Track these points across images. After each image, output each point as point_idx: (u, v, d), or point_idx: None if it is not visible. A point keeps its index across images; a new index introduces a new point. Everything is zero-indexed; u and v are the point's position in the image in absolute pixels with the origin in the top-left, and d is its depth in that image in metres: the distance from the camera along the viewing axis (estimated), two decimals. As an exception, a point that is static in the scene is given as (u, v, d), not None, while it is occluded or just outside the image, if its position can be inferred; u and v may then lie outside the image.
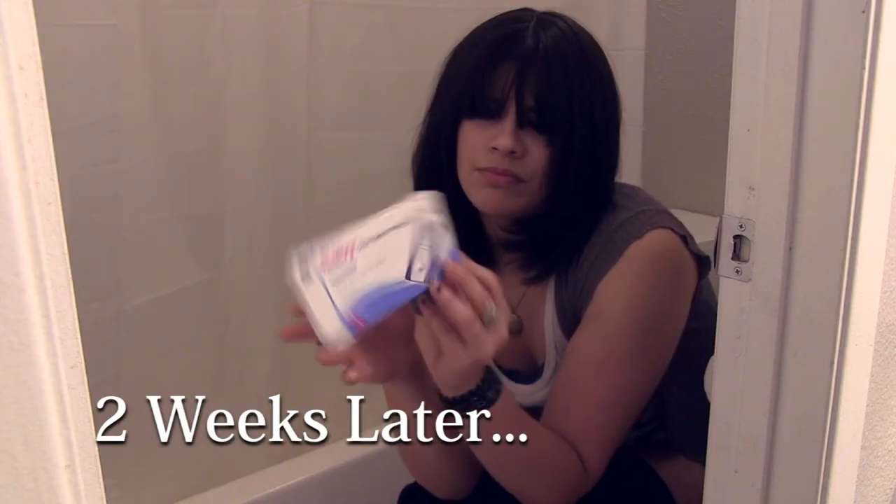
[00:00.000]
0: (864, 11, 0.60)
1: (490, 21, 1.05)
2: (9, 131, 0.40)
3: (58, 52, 1.28)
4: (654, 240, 1.01)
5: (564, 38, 1.01)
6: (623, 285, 1.00)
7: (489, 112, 0.99)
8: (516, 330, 1.11)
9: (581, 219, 1.03)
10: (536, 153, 0.99)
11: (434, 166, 1.07)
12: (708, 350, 0.77)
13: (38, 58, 0.41)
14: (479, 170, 1.00)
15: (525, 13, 1.04)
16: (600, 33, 2.05)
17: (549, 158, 0.99)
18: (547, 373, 1.09)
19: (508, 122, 0.98)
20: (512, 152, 0.98)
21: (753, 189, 0.68)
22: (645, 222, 1.02)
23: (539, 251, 1.06)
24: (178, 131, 1.45)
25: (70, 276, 0.44)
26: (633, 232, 1.01)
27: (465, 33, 1.06)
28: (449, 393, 0.89)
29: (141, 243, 1.44)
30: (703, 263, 1.05)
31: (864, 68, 0.61)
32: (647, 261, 1.00)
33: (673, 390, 1.09)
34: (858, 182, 0.63)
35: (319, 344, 0.84)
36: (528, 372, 1.12)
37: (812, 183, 0.65)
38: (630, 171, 2.09)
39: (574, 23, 1.05)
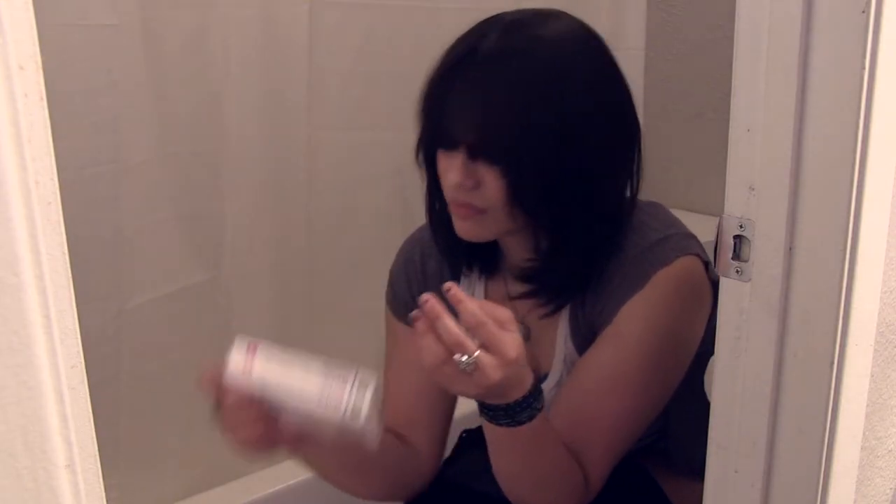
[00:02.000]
0: (864, 11, 0.60)
1: (462, 34, 1.00)
2: (9, 131, 0.40)
3: (58, 52, 1.28)
4: (682, 267, 0.99)
5: (521, 54, 0.94)
6: (645, 311, 0.98)
7: (446, 143, 0.97)
8: (524, 339, 1.11)
9: (598, 247, 1.01)
10: (491, 184, 0.94)
11: (430, 197, 1.06)
12: None
13: (38, 58, 0.41)
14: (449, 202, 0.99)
15: (491, 26, 0.97)
16: (600, 33, 2.06)
17: (505, 189, 0.94)
18: (550, 383, 1.09)
19: (457, 156, 0.95)
20: (462, 185, 0.95)
21: (753, 189, 0.68)
22: (674, 247, 1.00)
23: (553, 293, 1.04)
24: (178, 131, 1.45)
25: (70, 276, 0.44)
26: (661, 257, 0.99)
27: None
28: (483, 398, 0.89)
29: (141, 243, 1.44)
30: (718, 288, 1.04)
31: (864, 68, 0.61)
32: (674, 289, 0.99)
33: (676, 411, 1.09)
34: (858, 182, 0.63)
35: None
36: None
37: (812, 183, 0.65)
38: (630, 171, 2.10)
39: (552, 26, 0.97)
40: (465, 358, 0.80)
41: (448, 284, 0.81)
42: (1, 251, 0.41)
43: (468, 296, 0.82)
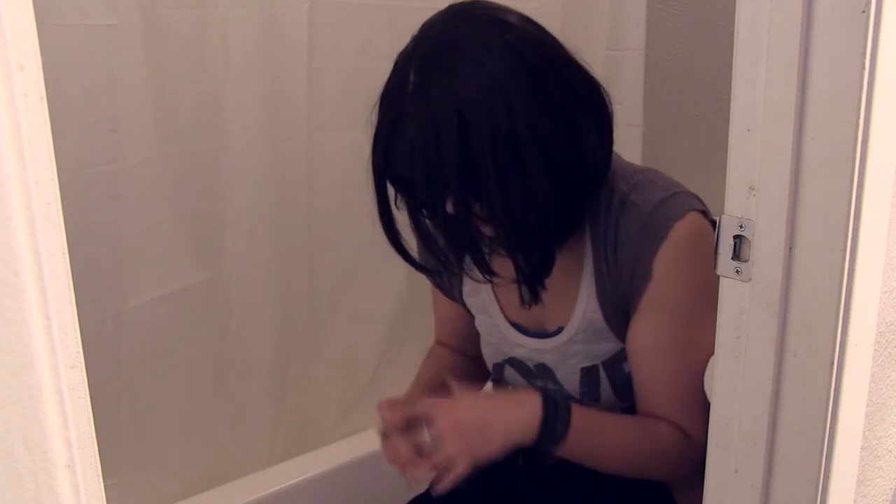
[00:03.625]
0: (864, 11, 0.60)
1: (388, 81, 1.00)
2: (9, 131, 0.40)
3: (58, 52, 1.28)
4: (695, 221, 1.01)
5: (438, 104, 0.91)
6: (676, 269, 1.01)
7: (427, 209, 1.00)
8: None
9: (571, 227, 1.03)
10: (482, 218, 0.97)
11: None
12: None
13: (38, 58, 0.41)
14: None
15: (404, 79, 0.96)
16: (600, 33, 2.06)
17: (492, 220, 0.96)
18: (565, 336, 1.10)
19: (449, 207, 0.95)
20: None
21: (753, 189, 0.68)
22: (683, 203, 1.02)
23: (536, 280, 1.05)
24: (178, 131, 1.45)
25: (70, 276, 0.44)
26: (675, 211, 1.01)
27: None
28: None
29: (141, 243, 1.44)
30: None
31: (864, 68, 0.61)
32: (693, 242, 1.01)
33: None
34: (858, 182, 0.63)
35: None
36: (536, 329, 1.13)
37: (812, 183, 0.65)
38: (630, 170, 2.10)
39: (470, 53, 0.93)
40: (426, 437, 0.98)
41: (378, 405, 1.01)
42: (1, 251, 0.41)
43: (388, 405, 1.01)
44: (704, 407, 1.02)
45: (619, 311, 1.05)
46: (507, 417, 0.99)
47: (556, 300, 1.10)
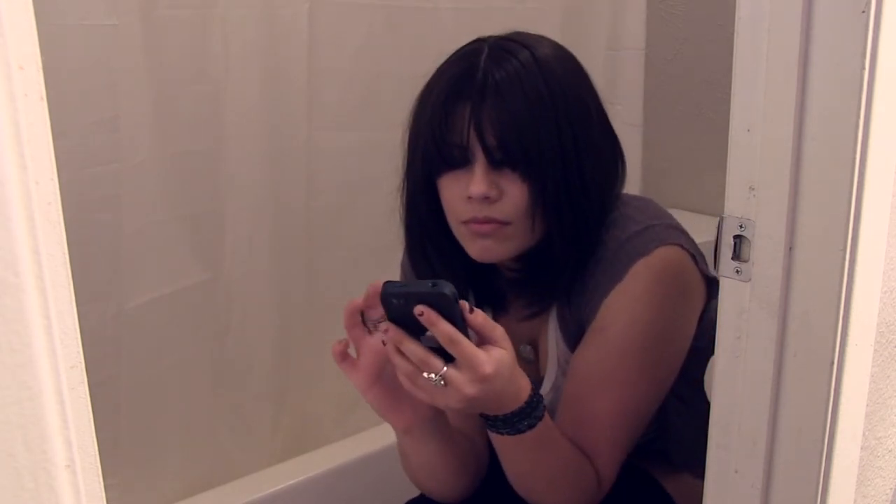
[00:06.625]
0: (864, 11, 0.60)
1: (444, 62, 1.01)
2: (9, 131, 0.40)
3: (58, 52, 1.28)
4: (662, 257, 0.99)
5: (520, 64, 0.95)
6: (627, 302, 0.98)
7: (457, 161, 0.96)
8: (532, 359, 1.12)
9: (580, 243, 1.01)
10: (514, 192, 0.95)
11: (419, 225, 1.05)
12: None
13: (38, 58, 0.41)
14: (464, 223, 0.98)
15: (478, 45, 0.99)
16: (600, 33, 2.06)
17: (529, 194, 0.95)
18: (546, 385, 1.09)
19: (478, 167, 0.94)
20: (486, 197, 0.94)
21: (753, 189, 0.68)
22: (653, 238, 0.99)
23: (539, 288, 1.04)
24: (178, 131, 1.45)
25: (70, 276, 0.44)
26: (640, 248, 0.98)
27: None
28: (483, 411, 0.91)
29: (141, 243, 1.44)
30: (713, 284, 1.03)
31: (864, 68, 0.61)
32: (654, 278, 0.98)
33: (676, 405, 1.09)
34: (858, 182, 0.63)
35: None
36: (537, 384, 1.12)
37: (812, 183, 0.65)
38: (630, 170, 2.10)
39: (534, 41, 0.99)
40: (432, 375, 0.83)
41: (419, 309, 0.81)
42: (1, 251, 0.41)
43: (439, 317, 0.81)
44: (623, 453, 1.01)
45: None
46: (502, 401, 0.89)
47: (538, 356, 1.10)
